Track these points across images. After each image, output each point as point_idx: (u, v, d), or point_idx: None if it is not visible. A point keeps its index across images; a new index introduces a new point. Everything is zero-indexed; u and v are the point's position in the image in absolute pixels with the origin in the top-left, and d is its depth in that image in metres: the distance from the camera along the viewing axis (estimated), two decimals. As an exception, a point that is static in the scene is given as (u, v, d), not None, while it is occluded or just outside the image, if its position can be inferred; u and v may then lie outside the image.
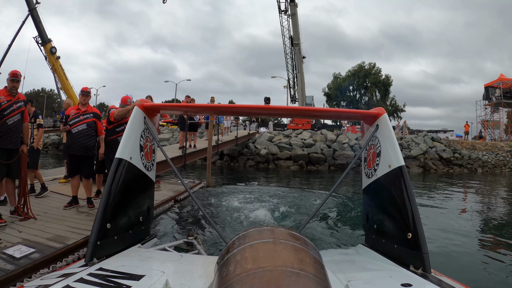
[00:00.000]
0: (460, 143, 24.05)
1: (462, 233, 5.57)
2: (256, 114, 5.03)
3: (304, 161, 17.19)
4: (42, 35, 29.60)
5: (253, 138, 19.26)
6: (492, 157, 21.52)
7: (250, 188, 9.68)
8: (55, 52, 29.98)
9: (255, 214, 5.54)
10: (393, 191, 2.35)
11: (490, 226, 6.49)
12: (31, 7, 28.68)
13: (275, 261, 1.22)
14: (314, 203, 7.19)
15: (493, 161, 20.80)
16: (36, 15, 29.07)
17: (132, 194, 2.54)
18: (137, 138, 2.63)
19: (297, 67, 31.57)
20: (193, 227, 4.95)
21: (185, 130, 8.98)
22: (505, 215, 7.45)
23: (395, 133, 3.29)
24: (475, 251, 4.67)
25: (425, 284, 1.80)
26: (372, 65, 45.90)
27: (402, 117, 44.43)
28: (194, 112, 5.73)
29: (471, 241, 5.17)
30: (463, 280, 2.04)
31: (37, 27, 29.39)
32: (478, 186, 13.06)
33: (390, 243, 2.32)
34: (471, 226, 6.31)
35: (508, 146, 24.86)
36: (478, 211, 7.95)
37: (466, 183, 13.65)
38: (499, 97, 30.44)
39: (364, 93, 46.22)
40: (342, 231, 4.84)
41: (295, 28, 30.41)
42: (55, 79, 30.52)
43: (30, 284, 1.59)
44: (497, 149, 23.42)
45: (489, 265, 3.96)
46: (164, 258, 2.25)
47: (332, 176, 14.53)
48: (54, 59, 29.87)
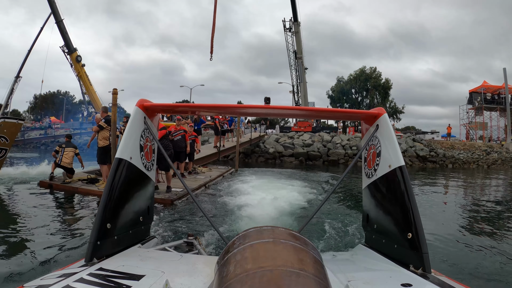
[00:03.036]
0: (441, 143, 27.91)
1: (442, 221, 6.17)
2: (256, 114, 5.03)
3: (304, 158, 21.95)
4: (68, 45, 32.46)
5: (263, 139, 23.88)
6: (468, 155, 25.36)
7: (263, 172, 13.66)
8: (80, 60, 32.95)
9: (255, 214, 5.54)
10: (393, 191, 2.35)
11: (469, 217, 7.04)
12: (58, 20, 31.33)
13: (275, 261, 1.22)
14: (314, 201, 7.19)
15: (464, 158, 24.60)
16: (62, 26, 31.75)
17: (132, 194, 2.54)
18: (137, 138, 2.63)
19: (300, 77, 35.97)
20: (193, 227, 4.95)
21: (219, 134, 14.52)
22: (478, 205, 8.43)
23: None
24: (462, 242, 4.84)
25: (425, 284, 1.80)
26: (373, 69, 49.10)
27: (401, 119, 48.44)
28: (193, 112, 5.72)
29: (455, 231, 5.52)
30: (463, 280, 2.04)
31: (64, 38, 32.14)
32: (450, 179, 15.72)
33: (390, 243, 2.32)
34: (454, 217, 6.87)
35: (485, 146, 28.57)
36: (451, 201, 9.33)
37: (439, 177, 16.39)
38: (481, 102, 35.56)
39: (365, 96, 49.14)
40: (342, 231, 4.84)
41: (298, 44, 34.44)
42: (80, 84, 33.74)
43: (30, 284, 1.59)
44: (474, 148, 27.17)
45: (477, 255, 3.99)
46: (164, 258, 2.25)
47: (326, 169, 18.20)
48: (79, 66, 32.98)
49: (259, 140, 23.23)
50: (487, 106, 35.93)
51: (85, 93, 33.77)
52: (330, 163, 21.34)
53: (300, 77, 36.02)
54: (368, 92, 48.10)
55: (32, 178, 9.35)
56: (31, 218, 5.41)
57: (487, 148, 27.42)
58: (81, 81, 33.24)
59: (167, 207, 6.24)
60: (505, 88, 33.28)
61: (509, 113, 33.14)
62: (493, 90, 35.86)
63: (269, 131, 32.22)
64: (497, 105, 35.66)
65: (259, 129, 29.56)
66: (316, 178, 12.38)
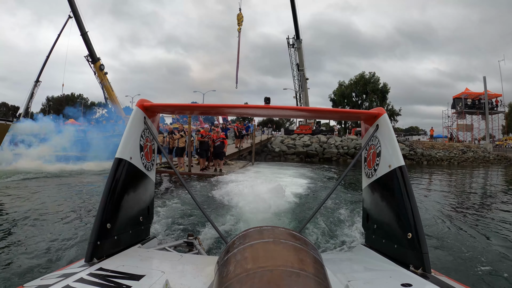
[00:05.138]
0: (422, 143, 31.98)
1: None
2: (256, 115, 5.02)
3: (303, 156, 27.59)
4: (92, 55, 34.46)
5: (270, 140, 29.77)
6: (445, 154, 29.43)
7: (272, 164, 18.45)
8: (103, 69, 35.17)
9: (256, 213, 5.54)
10: (393, 191, 2.34)
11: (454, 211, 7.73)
12: (83, 32, 33.30)
13: (275, 261, 1.22)
14: (314, 200, 7.20)
15: (440, 156, 28.70)
16: (87, 38, 33.65)
17: (132, 194, 2.53)
18: (137, 138, 2.63)
19: (302, 86, 40.58)
20: (193, 227, 4.96)
21: (238, 137, 21.15)
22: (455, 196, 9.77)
23: None
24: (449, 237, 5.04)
25: (425, 284, 1.80)
26: (372, 74, 53.51)
27: (398, 120, 52.97)
28: (194, 112, 5.72)
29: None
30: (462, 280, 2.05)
31: (88, 49, 34.10)
32: (423, 173, 18.70)
33: (390, 243, 2.32)
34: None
35: (462, 145, 32.53)
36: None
37: (417, 172, 19.30)
38: (462, 107, 40.60)
39: (365, 99, 53.41)
40: (342, 231, 4.84)
41: (300, 58, 39.46)
42: (103, 90, 36.09)
43: (30, 284, 1.59)
44: (452, 148, 31.18)
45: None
46: (164, 258, 2.25)
47: (321, 165, 22.26)
48: (102, 74, 35.24)
49: (267, 141, 29.00)
50: (467, 111, 40.78)
51: (108, 98, 36.23)
52: (324, 160, 26.83)
53: (302, 86, 40.48)
54: (367, 95, 52.54)
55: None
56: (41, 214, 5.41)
57: (463, 148, 31.59)
58: (104, 88, 35.95)
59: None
60: (485, 95, 38.19)
61: (487, 117, 38.39)
62: (474, 96, 40.43)
63: (276, 133, 38.56)
64: (477, 110, 40.34)
65: (266, 131, 35.95)
66: (309, 169, 16.20)
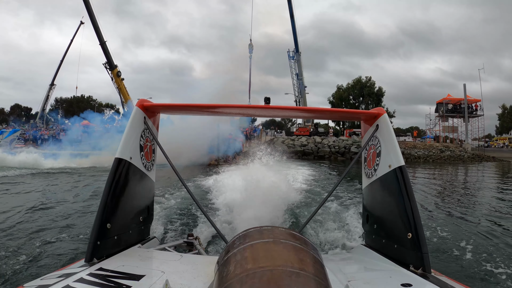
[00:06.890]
0: (405, 144, 35.23)
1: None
2: (256, 115, 5.01)
3: (300, 154, 32.00)
4: (110, 62, 36.87)
5: (273, 141, 34.25)
6: (425, 153, 32.85)
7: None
8: (120, 75, 37.61)
9: (256, 212, 5.53)
10: (393, 191, 2.34)
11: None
12: (102, 41, 35.59)
13: (275, 261, 1.22)
14: (314, 200, 7.20)
15: (418, 155, 32.22)
16: (106, 47, 35.95)
17: (132, 194, 2.53)
18: (137, 138, 2.63)
19: (301, 93, 45.07)
20: (193, 227, 4.95)
21: (249, 139, 23.19)
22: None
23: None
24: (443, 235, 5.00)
25: (425, 284, 1.80)
26: (368, 78, 57.62)
27: (392, 122, 54.41)
28: (194, 112, 5.72)
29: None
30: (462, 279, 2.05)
31: (107, 57, 36.50)
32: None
33: (390, 243, 2.31)
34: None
35: (441, 145, 35.86)
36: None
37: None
38: (443, 111, 45.33)
39: (361, 102, 57.22)
40: (342, 231, 4.83)
41: (299, 68, 44.38)
42: (119, 95, 38.80)
43: (30, 284, 1.59)
44: (432, 148, 34.27)
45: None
46: (164, 258, 2.25)
47: (316, 161, 26.74)
48: (119, 80, 37.63)
49: (271, 142, 33.92)
50: (447, 115, 45.71)
51: (124, 102, 38.44)
52: (318, 158, 31.96)
53: (301, 93, 44.90)
54: (364, 98, 56.72)
55: None
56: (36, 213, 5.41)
57: (442, 147, 34.76)
58: (120, 93, 38.48)
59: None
60: (465, 100, 43.61)
61: (467, 120, 43.99)
62: (455, 101, 45.37)
63: (278, 134, 43.99)
64: (457, 113, 45.29)
65: (270, 133, 42.37)
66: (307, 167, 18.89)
